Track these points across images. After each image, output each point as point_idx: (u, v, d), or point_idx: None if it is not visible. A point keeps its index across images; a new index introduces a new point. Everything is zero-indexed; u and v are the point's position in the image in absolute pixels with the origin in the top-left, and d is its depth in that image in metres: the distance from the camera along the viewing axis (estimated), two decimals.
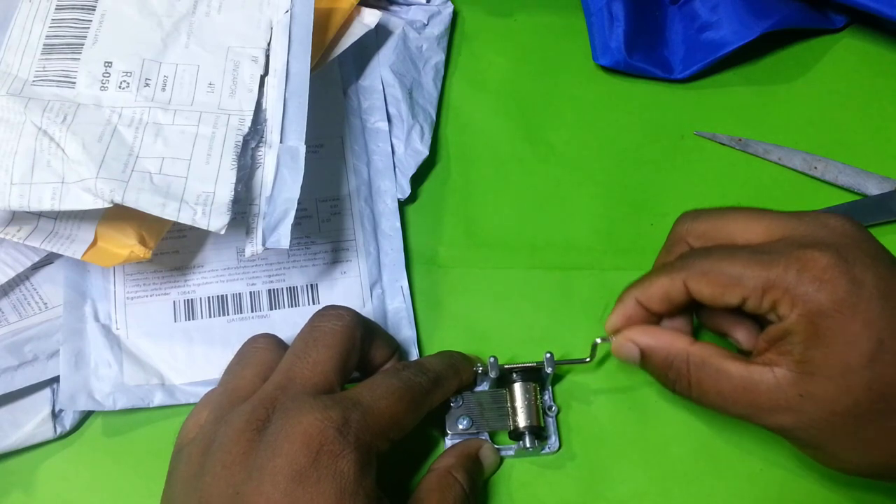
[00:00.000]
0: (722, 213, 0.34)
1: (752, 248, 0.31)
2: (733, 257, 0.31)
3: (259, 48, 0.37)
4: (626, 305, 0.34)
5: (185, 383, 0.37)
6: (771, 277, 0.30)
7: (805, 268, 0.29)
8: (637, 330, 0.34)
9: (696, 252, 0.33)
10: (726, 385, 0.31)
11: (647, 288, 0.33)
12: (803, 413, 0.30)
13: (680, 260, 0.33)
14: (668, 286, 0.33)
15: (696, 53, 0.45)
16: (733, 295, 0.31)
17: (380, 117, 0.43)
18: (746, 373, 0.31)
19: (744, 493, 0.36)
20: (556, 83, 0.46)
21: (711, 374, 0.31)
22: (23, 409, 0.36)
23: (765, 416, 0.31)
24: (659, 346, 0.33)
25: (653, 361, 0.34)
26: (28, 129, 0.33)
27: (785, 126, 0.45)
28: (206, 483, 0.28)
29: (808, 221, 0.31)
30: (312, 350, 0.31)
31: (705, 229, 0.34)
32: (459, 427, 0.36)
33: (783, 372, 0.30)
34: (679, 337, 0.33)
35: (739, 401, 0.31)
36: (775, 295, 0.30)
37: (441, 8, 0.46)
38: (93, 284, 0.38)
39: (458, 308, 0.40)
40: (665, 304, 0.33)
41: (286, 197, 0.34)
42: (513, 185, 0.43)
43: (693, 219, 0.34)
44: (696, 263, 0.32)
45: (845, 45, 0.47)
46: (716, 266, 0.31)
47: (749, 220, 0.32)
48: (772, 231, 0.32)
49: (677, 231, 0.35)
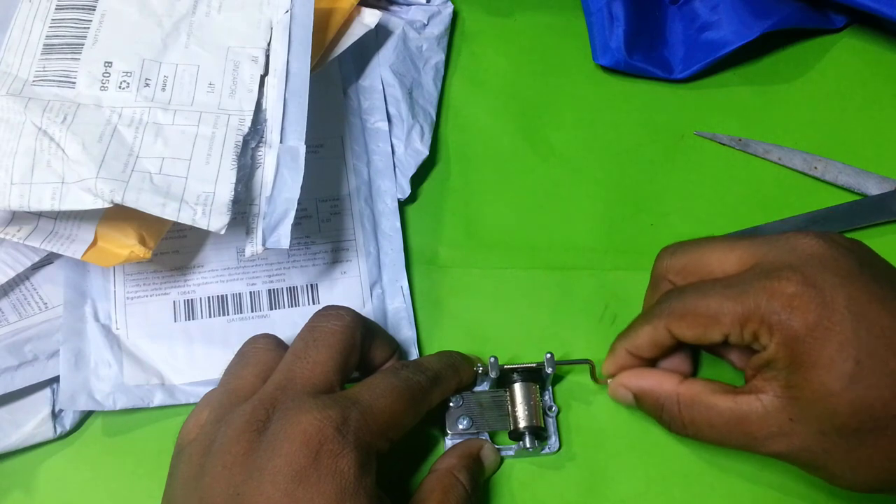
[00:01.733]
0: (697, 246, 0.34)
1: (724, 282, 0.32)
2: (707, 295, 0.31)
3: (259, 48, 0.37)
4: (618, 355, 0.35)
5: (185, 383, 0.37)
6: (745, 310, 0.30)
7: (773, 296, 0.30)
8: (628, 374, 0.35)
9: (672, 294, 0.34)
10: (718, 420, 0.32)
11: (635, 338, 0.34)
12: (795, 437, 0.30)
13: (658, 305, 0.34)
14: (653, 334, 0.34)
15: (696, 53, 0.45)
16: (714, 333, 0.31)
17: (380, 117, 0.43)
18: (735, 405, 0.31)
19: (744, 493, 0.36)
20: (556, 83, 0.46)
21: (702, 412, 0.32)
22: (23, 409, 0.36)
23: (760, 444, 0.31)
24: (649, 389, 0.34)
25: (646, 404, 0.35)
26: (28, 129, 0.33)
27: (785, 126, 0.45)
28: (207, 483, 0.28)
29: (777, 246, 0.31)
30: (312, 350, 0.31)
31: (683, 265, 0.34)
32: (459, 427, 0.36)
33: (770, 399, 0.30)
34: (667, 378, 0.34)
35: (733, 433, 0.31)
36: (753, 326, 0.30)
37: (441, 8, 0.46)
38: (93, 284, 0.38)
39: (458, 308, 0.40)
40: (654, 350, 0.34)
41: (286, 197, 0.34)
42: (513, 185, 0.43)
43: (671, 255, 0.35)
44: (674, 306, 0.33)
45: (845, 45, 0.47)
46: (692, 307, 0.32)
47: (723, 251, 0.33)
48: (744, 259, 0.32)
49: (657, 269, 0.36)
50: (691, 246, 0.34)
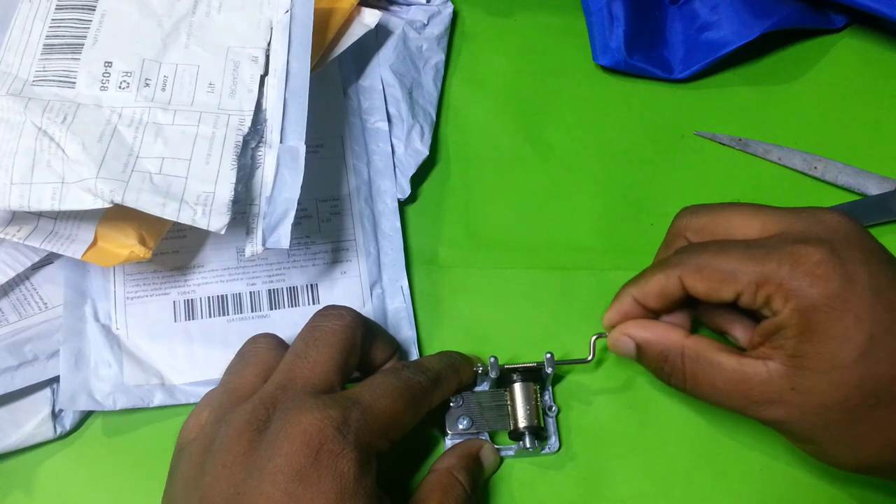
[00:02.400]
0: (721, 208, 0.34)
1: (746, 243, 0.31)
2: (727, 252, 0.31)
3: (259, 48, 0.37)
4: (623, 302, 0.34)
5: (185, 383, 0.37)
6: (764, 272, 0.30)
7: (798, 262, 0.29)
8: (633, 324, 0.34)
9: (691, 248, 0.33)
10: (720, 378, 0.31)
11: (644, 285, 0.34)
12: (795, 406, 0.30)
13: (675, 256, 0.33)
14: (664, 282, 0.33)
15: (696, 53, 0.45)
16: (728, 290, 0.31)
17: (380, 117, 0.43)
18: (739, 366, 0.31)
19: (744, 493, 0.36)
20: (556, 83, 0.46)
21: (705, 367, 0.32)
22: (23, 409, 0.36)
23: (757, 408, 0.31)
24: (654, 340, 0.33)
25: (648, 355, 0.34)
26: (28, 129, 0.33)
27: (785, 126, 0.45)
28: (207, 483, 0.28)
29: (804, 217, 0.31)
30: (313, 350, 0.31)
31: (704, 224, 0.34)
32: (459, 427, 0.36)
33: (776, 365, 0.30)
34: (674, 330, 0.33)
35: (732, 393, 0.31)
36: (769, 290, 0.30)
37: (441, 8, 0.46)
38: (93, 284, 0.38)
39: (458, 308, 0.40)
40: (662, 300, 0.33)
41: (286, 197, 0.34)
42: (513, 185, 0.43)
43: (692, 214, 0.34)
44: (691, 259, 0.32)
45: (845, 45, 0.47)
46: (710, 261, 0.31)
47: (747, 216, 0.33)
48: (768, 226, 0.32)
49: (676, 226, 0.35)
50: (715, 207, 0.34)
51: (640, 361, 0.35)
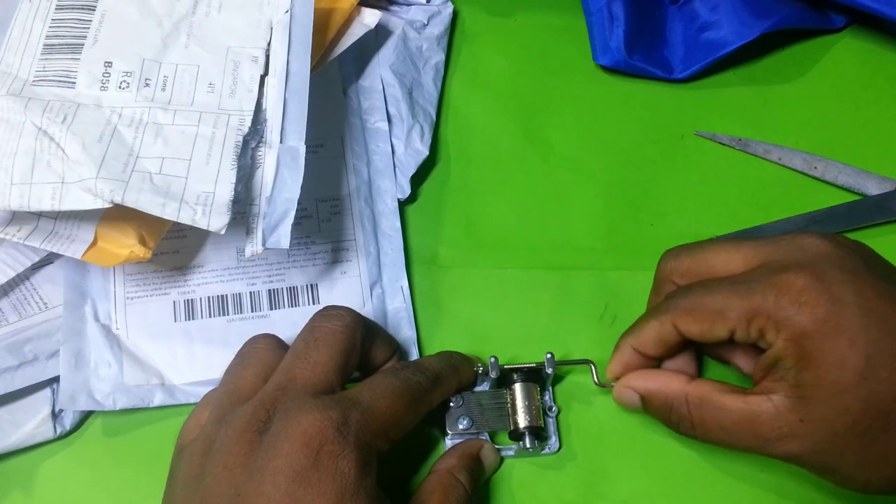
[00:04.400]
0: (701, 248, 0.34)
1: (731, 280, 0.31)
2: (713, 291, 0.31)
3: (259, 48, 0.37)
4: (623, 353, 0.35)
5: (185, 383, 0.37)
6: (752, 306, 0.30)
7: (782, 292, 0.29)
8: (634, 376, 0.35)
9: (678, 291, 0.33)
10: (727, 420, 0.31)
11: (640, 334, 0.34)
12: (807, 438, 0.29)
13: (665, 301, 0.33)
14: (659, 329, 0.33)
15: (696, 53, 0.45)
16: (720, 329, 0.31)
17: (380, 117, 0.43)
18: (745, 405, 0.31)
19: (744, 493, 0.36)
20: (556, 83, 0.46)
21: (711, 412, 0.32)
22: (23, 409, 0.36)
23: (771, 446, 0.30)
24: (656, 390, 0.34)
25: (653, 405, 0.34)
26: (28, 129, 0.33)
27: (785, 126, 0.45)
28: (208, 484, 0.28)
29: (783, 245, 0.31)
30: (313, 350, 0.31)
31: (687, 267, 0.34)
32: (459, 427, 0.36)
33: (780, 399, 0.30)
34: (675, 378, 0.33)
35: (743, 434, 0.31)
36: (760, 322, 0.30)
37: (441, 8, 0.46)
38: (93, 284, 0.38)
39: (458, 308, 0.40)
40: (660, 347, 0.34)
41: (286, 197, 0.34)
42: (513, 185, 0.43)
43: (674, 257, 0.35)
44: (680, 302, 0.32)
45: (845, 45, 0.47)
46: (699, 303, 0.32)
47: (728, 252, 0.33)
48: (750, 259, 0.32)
49: (661, 271, 0.35)
50: (695, 248, 0.34)
51: (647, 412, 0.35)
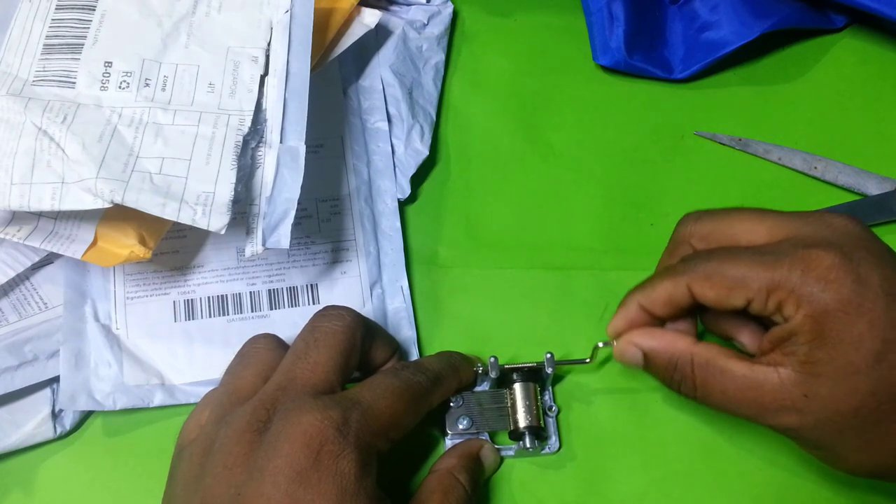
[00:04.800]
0: (725, 214, 0.33)
1: (755, 250, 0.31)
2: (737, 259, 0.31)
3: (259, 48, 0.37)
4: (629, 309, 0.34)
5: (185, 383, 0.37)
6: (775, 278, 0.29)
7: (809, 267, 0.29)
8: (639, 332, 0.33)
9: (699, 255, 0.33)
10: (731, 385, 0.31)
11: (651, 292, 0.33)
12: (808, 413, 0.29)
13: (682, 263, 0.33)
14: (672, 290, 0.32)
15: (696, 53, 0.45)
16: (738, 297, 0.30)
17: (380, 117, 0.43)
18: (751, 373, 0.30)
19: (744, 493, 0.36)
20: (556, 83, 0.46)
21: (716, 375, 0.31)
22: (23, 409, 0.36)
23: (770, 416, 0.30)
24: (662, 348, 0.33)
25: (656, 364, 0.33)
26: (28, 129, 0.33)
27: (785, 126, 0.45)
28: (208, 484, 0.28)
29: (811, 221, 0.31)
30: (313, 350, 0.31)
31: (709, 231, 0.33)
32: (459, 427, 0.36)
33: (788, 372, 0.29)
34: (682, 338, 0.33)
35: (744, 401, 0.31)
36: (780, 296, 0.29)
37: (441, 8, 0.46)
38: (93, 284, 0.38)
39: (458, 308, 0.40)
40: (669, 307, 0.33)
41: (286, 197, 0.34)
42: (513, 185, 0.43)
43: (696, 220, 0.34)
44: (699, 266, 0.31)
45: (845, 45, 0.47)
46: (719, 269, 0.31)
47: (752, 221, 0.32)
48: (775, 232, 0.31)
49: (680, 233, 0.34)
50: (718, 213, 0.33)
51: (649, 371, 0.34)
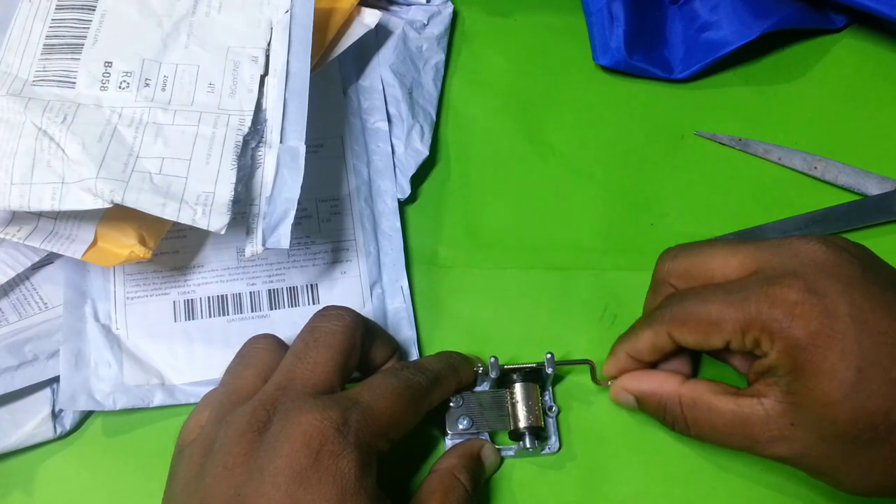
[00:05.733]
0: (699, 250, 0.34)
1: (725, 288, 0.31)
2: (708, 301, 0.31)
3: (259, 48, 0.37)
4: (619, 359, 0.35)
5: (185, 383, 0.37)
6: (746, 318, 0.30)
7: (775, 304, 0.29)
8: (629, 377, 0.35)
9: (674, 298, 0.33)
10: (720, 421, 0.32)
11: (635, 342, 0.34)
12: (797, 441, 0.30)
13: (660, 310, 0.33)
14: (654, 339, 0.33)
15: (696, 53, 0.45)
16: (716, 339, 0.31)
17: (380, 117, 0.43)
18: (737, 408, 0.31)
19: (744, 493, 0.36)
20: (556, 83, 0.46)
21: (704, 413, 0.32)
22: (23, 409, 0.36)
23: (761, 447, 0.31)
24: (651, 391, 0.34)
25: (648, 406, 0.35)
26: (28, 129, 0.33)
27: (785, 126, 0.45)
28: (208, 484, 0.28)
29: (780, 251, 0.31)
30: (313, 350, 0.31)
31: (685, 269, 0.34)
32: (459, 427, 0.36)
33: (772, 403, 0.30)
34: (670, 379, 0.34)
35: (735, 435, 0.31)
36: (754, 333, 0.30)
37: (441, 8, 0.46)
38: (93, 284, 0.38)
39: (458, 308, 0.40)
40: (655, 354, 0.34)
41: (286, 197, 0.34)
42: (513, 185, 0.43)
43: (672, 258, 0.35)
44: (675, 311, 0.32)
45: (845, 45, 0.47)
46: (693, 313, 0.32)
47: (725, 256, 0.33)
48: (746, 264, 0.32)
49: (659, 271, 0.35)
50: (693, 249, 0.34)
51: (643, 412, 0.35)
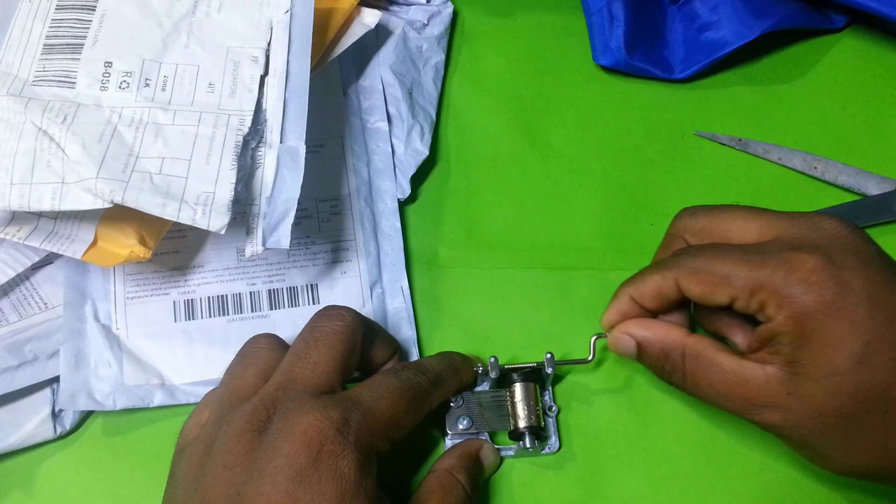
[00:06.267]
0: (719, 210, 0.34)
1: (742, 248, 0.31)
2: (723, 257, 0.31)
3: (259, 48, 0.37)
4: (621, 301, 0.34)
5: (185, 383, 0.37)
6: (759, 278, 0.30)
7: (792, 269, 0.29)
8: (633, 323, 0.34)
9: (688, 250, 0.33)
10: (719, 378, 0.31)
11: (641, 285, 0.34)
12: (791, 411, 0.30)
13: (672, 258, 0.33)
14: (661, 283, 0.33)
15: (696, 53, 0.45)
16: (722, 294, 0.31)
17: (380, 117, 0.43)
18: (738, 367, 0.31)
19: (744, 493, 0.36)
20: (556, 83, 0.46)
21: (705, 367, 0.32)
22: (23, 409, 0.36)
23: (755, 411, 0.31)
24: (655, 338, 0.33)
25: (649, 353, 0.34)
26: (28, 129, 0.33)
27: (785, 126, 0.45)
28: (208, 484, 0.28)
29: (801, 223, 0.31)
30: (313, 350, 0.31)
31: (702, 226, 0.34)
32: (459, 427, 0.36)
33: (773, 370, 0.30)
34: (675, 329, 0.33)
35: (731, 395, 0.31)
36: (763, 296, 0.30)
37: (441, 8, 0.46)
38: (93, 284, 0.38)
39: (458, 308, 0.40)
40: (658, 300, 0.33)
41: (286, 197, 0.34)
42: (513, 185, 0.43)
43: (691, 216, 0.34)
44: (687, 262, 0.32)
45: (845, 45, 0.47)
46: (706, 265, 0.31)
47: (745, 219, 0.33)
48: (765, 231, 0.32)
49: (675, 227, 0.35)
50: (713, 209, 0.34)
51: (641, 360, 0.35)
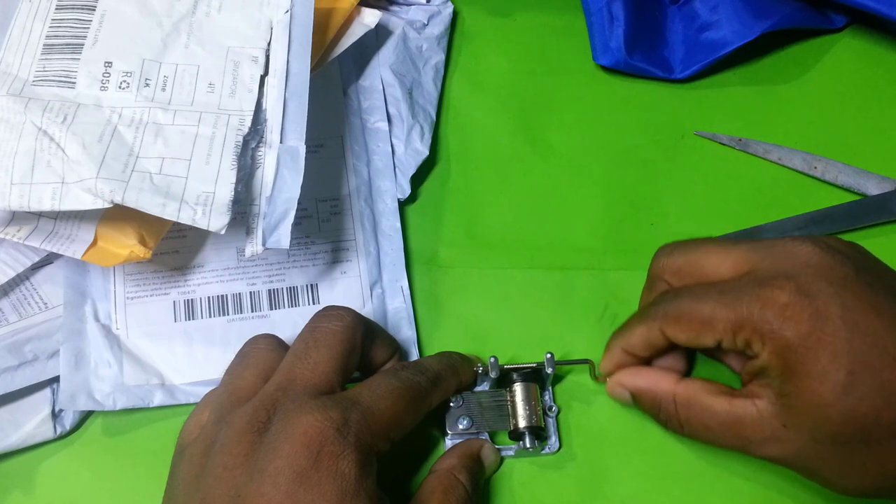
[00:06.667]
0: (695, 247, 0.34)
1: (719, 287, 0.32)
2: (701, 300, 0.31)
3: (259, 48, 0.37)
4: (614, 354, 0.35)
5: (185, 383, 0.37)
6: (737, 318, 0.30)
7: (766, 305, 0.30)
8: (625, 373, 0.35)
9: (667, 296, 0.34)
10: (713, 421, 0.32)
11: (629, 337, 0.34)
12: (789, 442, 0.30)
13: (654, 306, 0.34)
14: (647, 335, 0.34)
15: (696, 53, 0.45)
16: (707, 338, 0.31)
17: (380, 117, 0.43)
18: (730, 408, 0.31)
19: (744, 493, 0.36)
20: (556, 83, 0.46)
21: (698, 413, 0.32)
22: (23, 409, 0.36)
23: (753, 447, 0.31)
24: (646, 388, 0.34)
25: (643, 402, 0.35)
26: (28, 129, 0.33)
27: (785, 126, 0.45)
28: (208, 484, 0.28)
29: (774, 252, 0.31)
30: (313, 351, 0.31)
31: (679, 266, 0.34)
32: (459, 427, 0.36)
33: (765, 404, 0.30)
34: (665, 377, 0.34)
35: (727, 435, 0.32)
36: (746, 334, 0.30)
37: (441, 8, 0.46)
38: (93, 284, 0.38)
39: (458, 308, 0.40)
40: (648, 350, 0.34)
41: (286, 197, 0.34)
42: (513, 185, 0.43)
43: (668, 255, 0.35)
44: (668, 309, 0.33)
45: (845, 45, 0.47)
46: (687, 311, 0.32)
47: (719, 255, 0.33)
48: (740, 265, 0.32)
49: (654, 268, 0.36)
50: (688, 247, 0.34)
51: (638, 408, 0.35)
